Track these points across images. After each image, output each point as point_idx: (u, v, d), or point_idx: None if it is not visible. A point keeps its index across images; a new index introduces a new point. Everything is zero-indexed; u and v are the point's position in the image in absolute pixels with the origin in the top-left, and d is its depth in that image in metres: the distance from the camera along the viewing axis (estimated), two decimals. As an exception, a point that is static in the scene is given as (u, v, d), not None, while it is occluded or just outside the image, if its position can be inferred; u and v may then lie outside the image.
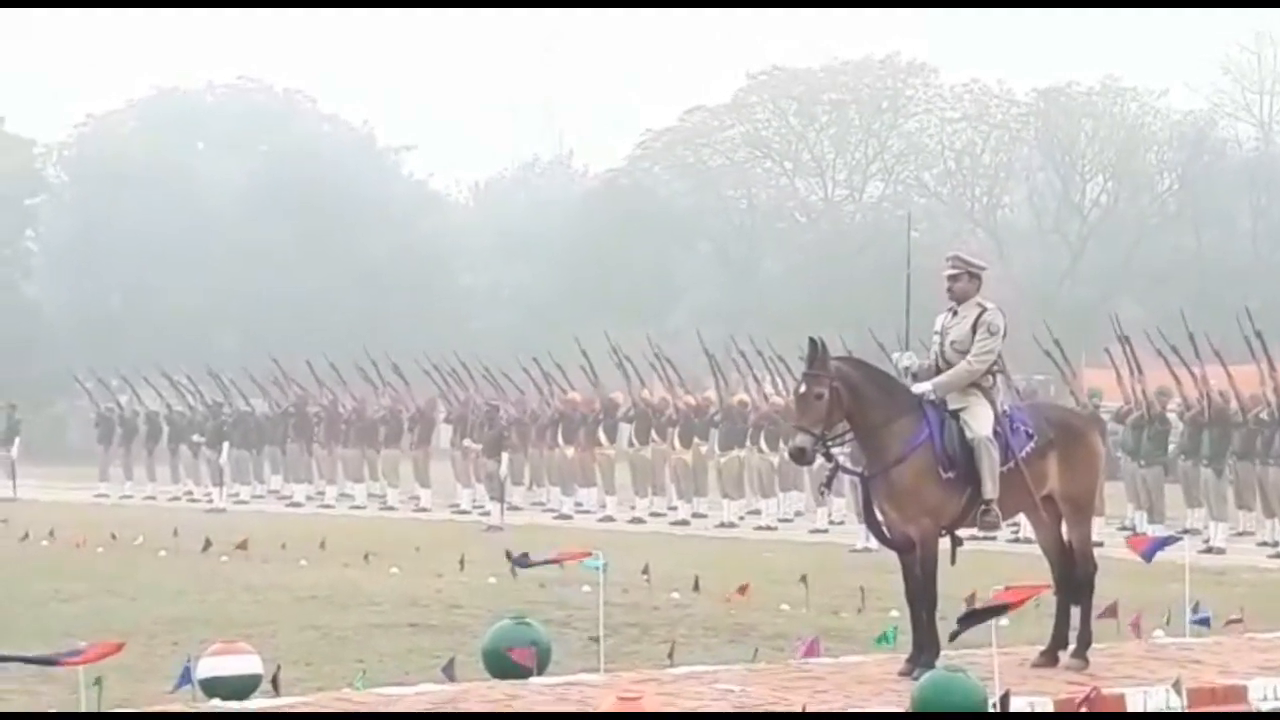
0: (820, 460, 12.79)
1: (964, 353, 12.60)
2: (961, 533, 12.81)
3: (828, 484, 14.53)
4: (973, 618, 11.66)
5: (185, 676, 11.49)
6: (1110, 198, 67.14)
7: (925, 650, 12.18)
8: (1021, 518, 16.27)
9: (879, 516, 12.54)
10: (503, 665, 12.27)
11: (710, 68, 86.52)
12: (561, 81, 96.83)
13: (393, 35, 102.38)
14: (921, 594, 12.34)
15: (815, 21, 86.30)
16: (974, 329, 12.62)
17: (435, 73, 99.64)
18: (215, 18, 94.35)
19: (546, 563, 14.33)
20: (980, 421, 12.42)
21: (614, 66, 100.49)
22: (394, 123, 78.60)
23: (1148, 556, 14.72)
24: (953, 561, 12.65)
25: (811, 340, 12.36)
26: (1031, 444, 12.60)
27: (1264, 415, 25.78)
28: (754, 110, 70.09)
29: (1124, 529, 26.57)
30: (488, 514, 31.74)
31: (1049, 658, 12.73)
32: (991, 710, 10.72)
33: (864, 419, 12.30)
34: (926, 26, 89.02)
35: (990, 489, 12.34)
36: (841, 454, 13.13)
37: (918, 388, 12.51)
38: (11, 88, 75.58)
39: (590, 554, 13.49)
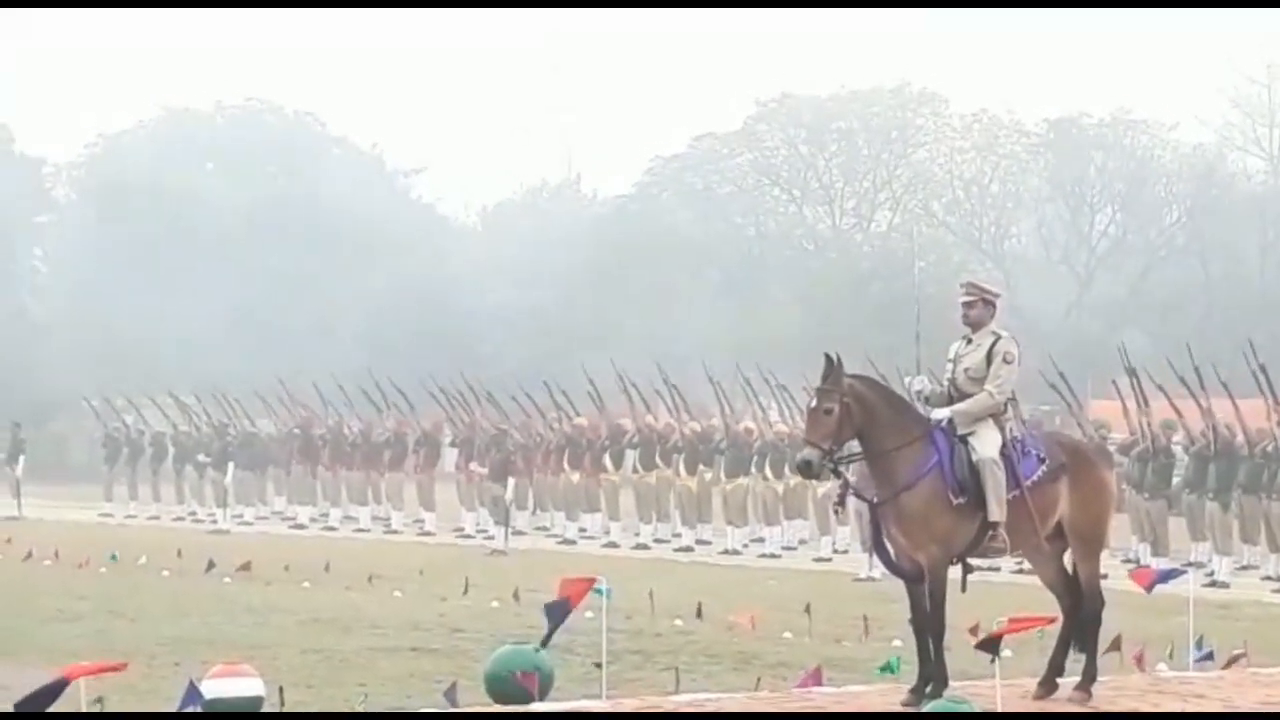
0: (830, 482, 12.66)
1: (978, 380, 12.51)
2: (970, 561, 12.74)
3: (840, 501, 13.10)
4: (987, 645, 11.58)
5: (189, 698, 11.48)
6: (1119, 229, 67.06)
7: (933, 681, 12.10)
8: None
9: (888, 544, 12.44)
10: (505, 690, 12.26)
11: (720, 95, 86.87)
12: (571, 106, 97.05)
13: (403, 59, 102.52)
14: (928, 623, 12.21)
15: (825, 50, 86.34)
16: (989, 357, 12.54)
17: (444, 96, 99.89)
18: (226, 39, 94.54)
19: (563, 617, 13.08)
20: (986, 445, 12.32)
21: (624, 92, 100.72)
22: (403, 145, 78.83)
23: (1150, 588, 14.71)
24: (963, 589, 12.49)
25: (827, 356, 12.29)
26: (1043, 468, 12.46)
27: (1269, 448, 25.75)
28: (763, 138, 70.09)
29: (1128, 561, 26.53)
30: (491, 538, 31.74)
31: (1047, 686, 12.64)
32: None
33: (875, 441, 12.20)
34: (936, 56, 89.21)
35: (995, 512, 12.20)
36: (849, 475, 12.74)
37: (938, 413, 12.40)
38: (21, 107, 75.83)
39: (594, 580, 13.45)
